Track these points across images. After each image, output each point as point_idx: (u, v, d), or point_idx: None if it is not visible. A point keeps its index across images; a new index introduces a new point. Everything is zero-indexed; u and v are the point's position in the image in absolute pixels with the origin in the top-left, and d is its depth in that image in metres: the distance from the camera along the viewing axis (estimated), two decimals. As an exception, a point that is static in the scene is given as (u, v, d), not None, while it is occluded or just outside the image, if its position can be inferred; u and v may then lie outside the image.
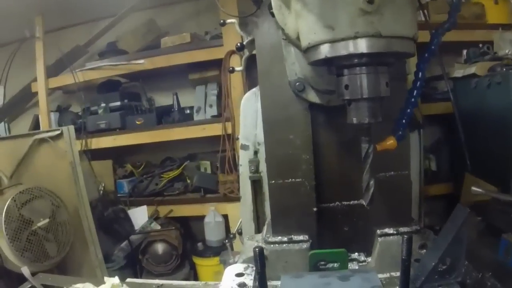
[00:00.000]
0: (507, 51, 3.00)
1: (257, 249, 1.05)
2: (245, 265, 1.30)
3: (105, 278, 1.46)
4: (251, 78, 1.98)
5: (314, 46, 1.08)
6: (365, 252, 1.52)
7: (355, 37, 0.99)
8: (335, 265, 1.35)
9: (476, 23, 3.66)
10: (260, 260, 1.06)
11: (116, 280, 1.46)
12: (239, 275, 1.25)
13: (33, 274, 1.83)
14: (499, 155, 2.77)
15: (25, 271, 1.85)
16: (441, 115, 3.54)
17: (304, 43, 1.11)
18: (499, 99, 2.77)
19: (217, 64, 3.64)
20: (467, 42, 3.43)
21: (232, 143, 3.58)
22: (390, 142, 1.17)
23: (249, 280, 1.22)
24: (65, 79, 4.23)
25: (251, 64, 1.58)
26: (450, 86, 3.34)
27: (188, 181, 4.06)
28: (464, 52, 3.37)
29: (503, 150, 2.71)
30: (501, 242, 1.82)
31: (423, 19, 2.82)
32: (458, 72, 3.28)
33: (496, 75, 2.84)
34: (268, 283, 1.29)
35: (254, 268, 1.24)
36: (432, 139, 3.86)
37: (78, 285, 1.48)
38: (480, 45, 3.25)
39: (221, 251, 2.18)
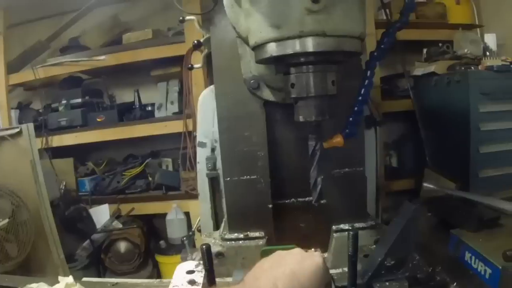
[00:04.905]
0: (465, 50, 3.07)
1: (204, 246, 1.05)
2: (196, 262, 1.30)
3: (59, 278, 1.43)
4: (212, 75, 1.98)
5: (261, 45, 1.08)
6: (322, 248, 1.54)
7: (300, 36, 1.00)
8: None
9: (438, 22, 3.74)
10: (207, 257, 1.06)
11: (70, 279, 1.43)
12: (190, 272, 1.25)
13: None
14: (458, 152, 2.84)
15: (-20, 272, 1.82)
16: (403, 112, 3.61)
17: (252, 41, 1.11)
18: (458, 97, 2.84)
19: (179, 60, 3.60)
20: (430, 41, 3.50)
21: (193, 140, 3.53)
22: (337, 140, 1.19)
23: (199, 277, 1.22)
24: (26, 75, 4.11)
25: (211, 61, 1.58)
26: (411, 84, 3.41)
27: (150, 178, 4.00)
28: (424, 50, 3.43)
29: (462, 147, 2.77)
30: (450, 237, 1.87)
31: (385, 18, 2.87)
32: (418, 70, 3.35)
33: (455, 74, 2.91)
34: (224, 280, 1.30)
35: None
36: (394, 135, 3.94)
37: (32, 285, 1.46)
38: (440, 44, 3.31)
39: (183, 248, 2.18)
